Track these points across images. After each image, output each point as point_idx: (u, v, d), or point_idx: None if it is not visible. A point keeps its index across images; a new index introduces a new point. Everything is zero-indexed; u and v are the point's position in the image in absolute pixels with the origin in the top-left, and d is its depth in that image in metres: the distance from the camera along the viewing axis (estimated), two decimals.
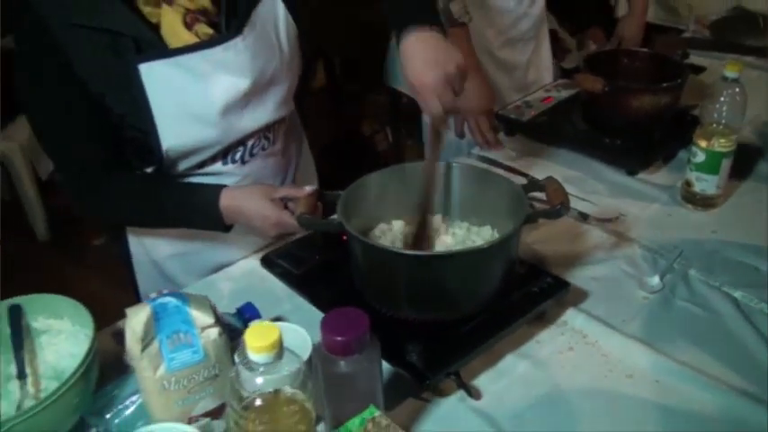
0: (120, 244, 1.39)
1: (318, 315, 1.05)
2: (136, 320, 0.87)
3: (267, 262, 1.28)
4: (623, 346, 1.12)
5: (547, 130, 1.73)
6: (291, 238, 1.33)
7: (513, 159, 1.69)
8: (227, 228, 1.22)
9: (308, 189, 1.15)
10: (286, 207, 1.17)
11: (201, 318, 0.89)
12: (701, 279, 1.27)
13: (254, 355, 0.70)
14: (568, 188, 1.28)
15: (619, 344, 1.13)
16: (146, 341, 0.87)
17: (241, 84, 1.19)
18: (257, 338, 0.70)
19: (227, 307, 1.12)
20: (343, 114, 3.76)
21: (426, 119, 1.20)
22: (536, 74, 2.08)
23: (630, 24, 2.17)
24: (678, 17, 3.30)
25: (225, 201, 1.18)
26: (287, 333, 0.99)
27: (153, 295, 0.94)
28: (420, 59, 1.12)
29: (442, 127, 1.19)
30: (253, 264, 1.33)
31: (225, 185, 1.20)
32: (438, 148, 1.20)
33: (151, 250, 1.37)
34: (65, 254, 3.24)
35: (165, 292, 1.18)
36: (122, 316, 0.91)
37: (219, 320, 0.91)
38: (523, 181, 1.28)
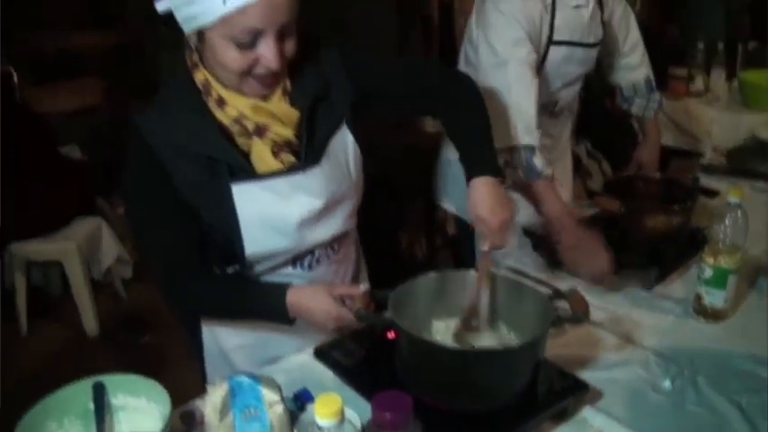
0: (194, 335, 1.58)
1: (363, 404, 1.18)
2: (216, 394, 1.04)
3: (320, 354, 1.44)
4: None
5: None
6: (343, 332, 1.49)
7: (540, 271, 1.83)
8: (291, 321, 1.39)
9: (363, 288, 1.34)
10: (344, 303, 1.34)
11: (270, 395, 1.06)
12: (709, 385, 1.39)
13: (321, 420, 0.86)
14: (590, 298, 1.45)
15: None
16: (223, 413, 1.03)
17: (316, 203, 1.40)
18: (325, 406, 0.86)
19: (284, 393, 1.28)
20: (382, 224, 3.98)
21: (479, 248, 1.45)
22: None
23: (647, 152, 2.35)
24: (697, 142, 3.52)
25: (291, 297, 1.37)
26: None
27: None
28: (487, 202, 1.39)
29: (489, 263, 1.40)
30: (305, 358, 1.48)
31: (289, 284, 1.39)
32: (483, 274, 1.39)
33: (221, 341, 1.55)
34: (114, 349, 3.42)
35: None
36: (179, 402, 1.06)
37: (284, 399, 1.07)
38: (549, 291, 1.44)
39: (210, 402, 1.03)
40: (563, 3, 1.93)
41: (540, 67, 1.95)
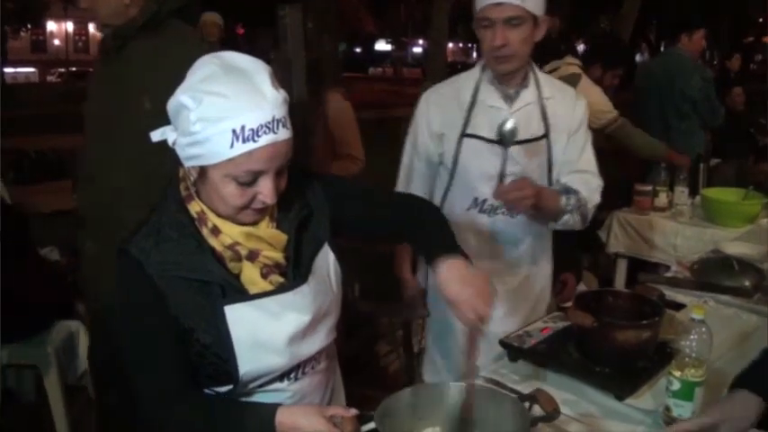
0: None
1: None
2: None
3: None
4: None
5: (545, 357, 1.95)
6: None
7: (515, 383, 1.89)
8: None
9: (353, 411, 1.40)
10: (334, 425, 1.39)
11: None
12: None
13: None
14: (564, 409, 1.52)
15: None
16: None
17: (304, 319, 1.48)
18: None
19: None
20: (357, 334, 4.02)
21: (464, 328, 1.52)
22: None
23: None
24: (664, 254, 3.66)
25: (281, 417, 1.39)
26: None
27: None
28: (455, 280, 1.47)
29: (477, 334, 1.48)
30: None
31: (278, 405, 1.43)
32: (474, 352, 1.47)
33: None
34: None
35: None
36: None
37: None
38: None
39: None
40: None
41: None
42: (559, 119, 2.29)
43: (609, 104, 3.88)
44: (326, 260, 1.57)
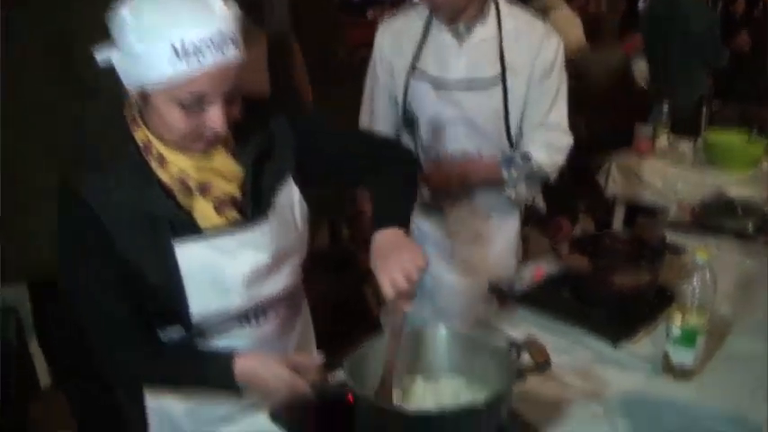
0: (135, 399, 1.50)
1: None
2: None
3: (275, 416, 1.39)
4: None
5: (537, 301, 1.87)
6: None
7: (505, 329, 1.79)
8: (240, 393, 1.32)
9: (318, 359, 1.29)
10: (298, 373, 1.29)
11: None
12: None
13: None
14: (556, 356, 1.41)
15: None
16: None
17: (263, 258, 1.36)
18: None
19: None
20: (345, 277, 3.93)
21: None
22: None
23: None
24: (664, 199, 3.56)
25: (240, 366, 1.29)
26: None
27: None
28: (381, 252, 1.35)
29: (397, 310, 1.32)
30: (259, 420, 1.42)
31: (239, 352, 1.33)
32: (400, 332, 1.33)
33: (166, 404, 1.47)
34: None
35: None
36: None
37: None
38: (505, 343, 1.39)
39: None
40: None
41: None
42: (520, 59, 2.00)
43: (582, 40, 3.65)
44: (290, 195, 1.44)
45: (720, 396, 1.53)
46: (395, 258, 1.31)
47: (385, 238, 1.38)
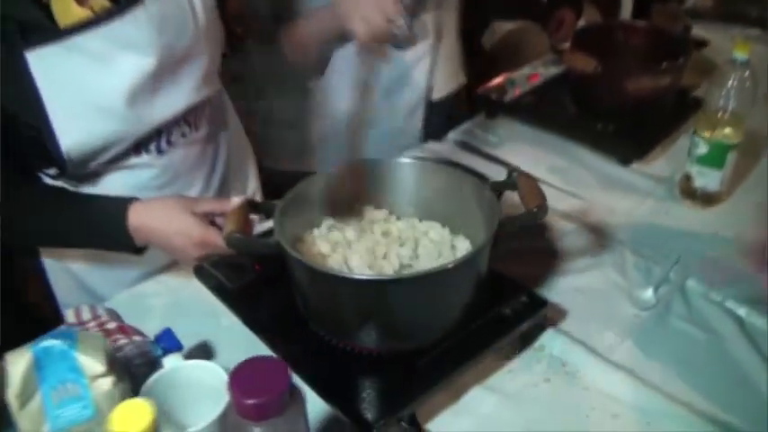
0: (32, 254, 1.22)
1: (255, 344, 0.95)
2: (14, 371, 0.71)
3: (200, 272, 1.11)
4: (608, 378, 0.97)
5: (532, 112, 1.59)
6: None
7: (492, 146, 1.54)
8: (138, 250, 1.05)
9: (237, 201, 0.98)
10: (212, 223, 0.99)
11: (91, 365, 0.73)
12: (701, 292, 1.12)
13: None
14: (554, 179, 1.18)
15: (603, 375, 0.97)
16: (25, 395, 0.71)
17: (146, 63, 1.02)
18: (123, 422, 0.54)
19: (159, 326, 0.96)
20: None
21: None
22: None
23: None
24: None
25: (135, 219, 1.00)
26: (205, 375, 0.84)
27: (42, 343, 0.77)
28: None
29: (377, 53, 1.18)
30: (181, 275, 1.16)
31: (133, 199, 1.03)
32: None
33: (66, 260, 1.20)
34: None
35: (84, 306, 1.03)
36: None
37: (115, 365, 0.75)
38: (503, 171, 1.10)
39: (7, 382, 0.71)
40: None
41: None
42: None
43: None
44: None
45: (749, 227, 1.27)
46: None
47: None
